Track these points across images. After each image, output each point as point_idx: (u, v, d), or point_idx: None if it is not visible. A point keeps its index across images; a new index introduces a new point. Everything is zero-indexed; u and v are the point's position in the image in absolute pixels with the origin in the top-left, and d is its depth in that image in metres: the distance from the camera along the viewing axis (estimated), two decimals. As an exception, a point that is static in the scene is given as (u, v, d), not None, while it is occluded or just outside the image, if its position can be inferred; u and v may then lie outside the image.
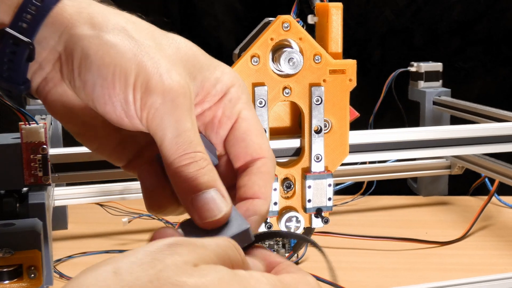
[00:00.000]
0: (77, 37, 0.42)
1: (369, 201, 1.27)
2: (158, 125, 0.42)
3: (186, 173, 0.41)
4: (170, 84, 0.42)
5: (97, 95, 0.42)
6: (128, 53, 0.42)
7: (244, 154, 0.45)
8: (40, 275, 0.70)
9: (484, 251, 1.04)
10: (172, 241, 0.34)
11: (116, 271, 0.31)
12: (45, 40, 0.43)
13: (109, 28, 0.42)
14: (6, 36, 0.42)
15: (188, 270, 0.32)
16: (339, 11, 0.71)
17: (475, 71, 1.42)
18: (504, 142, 0.92)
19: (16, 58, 0.43)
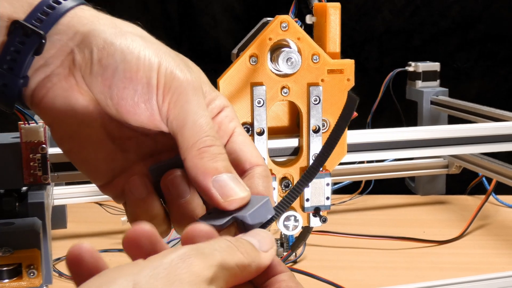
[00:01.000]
0: (98, 30, 0.43)
1: (367, 200, 1.28)
2: (181, 108, 0.43)
3: (208, 154, 0.43)
4: (190, 76, 0.44)
5: (117, 80, 0.43)
6: (151, 47, 0.44)
7: (243, 162, 0.47)
8: (40, 274, 0.70)
9: (482, 250, 1.04)
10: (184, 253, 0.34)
11: (135, 285, 0.32)
12: (57, 35, 0.43)
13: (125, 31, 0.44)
14: (18, 28, 0.43)
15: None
16: (337, 11, 0.72)
17: (473, 71, 1.42)
18: (501, 142, 0.93)
19: (24, 49, 0.43)
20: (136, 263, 0.33)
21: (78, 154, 0.47)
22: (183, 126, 0.43)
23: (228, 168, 0.43)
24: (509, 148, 0.93)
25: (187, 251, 0.34)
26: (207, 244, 0.36)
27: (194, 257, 0.34)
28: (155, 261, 0.33)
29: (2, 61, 0.43)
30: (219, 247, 0.36)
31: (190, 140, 0.43)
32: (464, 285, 0.81)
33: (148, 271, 0.32)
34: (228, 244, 0.37)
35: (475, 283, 0.81)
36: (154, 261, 0.33)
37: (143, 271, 0.32)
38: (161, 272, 0.32)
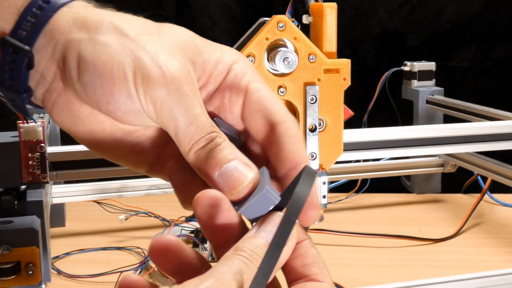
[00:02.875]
0: (72, 42, 0.42)
1: (363, 198, 1.28)
2: (168, 117, 0.41)
3: (204, 154, 0.41)
4: (172, 73, 0.41)
5: (99, 95, 0.42)
6: (124, 49, 0.42)
7: (263, 124, 0.44)
8: (38, 272, 0.70)
9: (477, 248, 1.05)
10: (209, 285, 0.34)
11: None
12: (44, 48, 0.43)
13: (103, 29, 0.42)
14: (6, 45, 0.42)
15: None
16: (334, 11, 0.72)
17: (468, 70, 1.42)
18: (496, 141, 0.93)
19: (16, 66, 0.42)
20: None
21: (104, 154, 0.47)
22: (176, 132, 0.42)
23: (228, 157, 0.41)
24: (504, 147, 0.94)
25: (212, 284, 0.34)
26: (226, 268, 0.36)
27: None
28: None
29: (3, 78, 0.43)
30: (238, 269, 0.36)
31: (186, 145, 0.41)
32: (459, 283, 0.81)
33: None
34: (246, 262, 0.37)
35: (470, 281, 0.81)
36: None
37: None
38: None
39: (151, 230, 1.08)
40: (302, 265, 0.39)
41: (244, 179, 0.40)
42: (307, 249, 0.40)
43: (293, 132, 0.43)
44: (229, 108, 0.45)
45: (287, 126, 0.43)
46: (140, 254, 1.00)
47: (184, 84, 0.42)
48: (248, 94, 0.44)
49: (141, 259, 0.97)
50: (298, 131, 0.44)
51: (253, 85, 0.45)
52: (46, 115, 1.03)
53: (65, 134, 1.01)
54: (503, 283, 0.82)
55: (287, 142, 0.43)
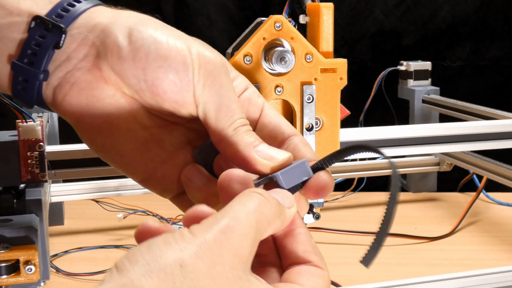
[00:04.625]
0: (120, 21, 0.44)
1: (360, 197, 1.28)
2: (216, 93, 0.44)
3: (245, 131, 0.44)
4: (220, 58, 0.45)
5: (151, 59, 0.43)
6: (175, 34, 0.45)
7: (281, 133, 0.47)
8: (37, 270, 0.70)
9: (472, 246, 1.05)
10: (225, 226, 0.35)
11: (182, 265, 0.33)
12: (78, 29, 0.44)
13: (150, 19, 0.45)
14: (38, 23, 0.43)
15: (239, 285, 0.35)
16: (330, 11, 0.72)
17: (463, 70, 1.43)
18: (491, 140, 0.93)
19: (45, 42, 0.43)
20: (182, 235, 0.34)
21: (112, 148, 0.46)
22: (219, 110, 0.44)
23: (263, 141, 0.44)
24: (499, 146, 0.94)
25: (228, 223, 0.35)
26: (242, 205, 0.37)
27: (234, 231, 0.35)
28: (200, 236, 0.34)
29: (22, 56, 0.43)
30: (253, 207, 0.37)
31: (226, 122, 0.44)
32: (455, 281, 0.81)
33: (193, 249, 0.34)
34: (260, 201, 0.38)
35: (466, 279, 0.81)
36: (198, 236, 0.34)
37: (189, 247, 0.34)
38: (206, 252, 0.34)
39: (149, 228, 1.08)
40: (304, 251, 0.41)
41: (282, 154, 0.44)
42: (309, 237, 0.42)
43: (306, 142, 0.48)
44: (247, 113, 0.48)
45: (301, 138, 0.47)
46: (138, 252, 1.00)
47: (228, 71, 0.45)
48: (264, 110, 0.48)
49: (139, 257, 0.97)
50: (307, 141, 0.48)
51: (267, 105, 0.49)
52: (45, 114, 1.03)
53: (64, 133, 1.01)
54: (499, 281, 0.82)
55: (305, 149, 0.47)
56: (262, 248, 0.40)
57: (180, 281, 0.33)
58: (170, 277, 0.33)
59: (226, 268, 0.34)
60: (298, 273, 0.39)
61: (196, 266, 0.33)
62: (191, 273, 0.33)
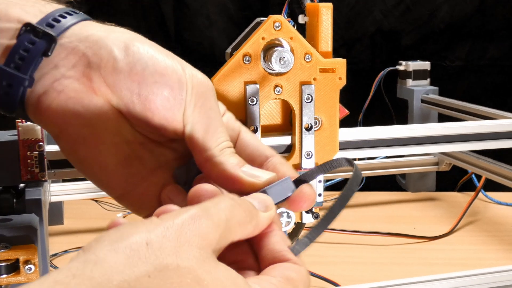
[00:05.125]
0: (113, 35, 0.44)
1: (359, 197, 1.29)
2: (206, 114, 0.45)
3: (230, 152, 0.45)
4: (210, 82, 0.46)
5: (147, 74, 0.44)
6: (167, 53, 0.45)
7: (259, 155, 0.48)
8: (37, 270, 0.70)
9: (471, 246, 1.05)
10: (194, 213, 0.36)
11: (148, 243, 0.34)
12: (68, 38, 0.44)
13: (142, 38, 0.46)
14: (29, 30, 0.43)
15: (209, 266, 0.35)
16: (329, 11, 0.72)
17: (462, 69, 1.43)
18: (490, 139, 0.93)
19: (34, 48, 0.43)
20: (150, 220, 0.35)
21: (94, 161, 0.45)
22: (207, 131, 0.45)
23: (246, 162, 0.46)
24: (498, 146, 0.94)
25: (197, 211, 0.36)
26: (213, 203, 0.38)
27: (203, 218, 0.36)
28: (168, 220, 0.35)
29: (9, 61, 0.43)
30: (224, 206, 0.38)
31: (213, 143, 0.45)
32: (453, 281, 0.81)
33: (161, 230, 0.35)
34: (232, 203, 0.39)
35: (464, 279, 0.81)
36: (167, 220, 0.35)
37: (156, 229, 0.35)
38: (173, 233, 0.35)
39: (148, 228, 1.08)
40: (280, 251, 0.41)
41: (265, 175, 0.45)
42: (284, 238, 0.42)
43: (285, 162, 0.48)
44: None
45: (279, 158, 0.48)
46: (138, 252, 1.00)
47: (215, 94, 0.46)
48: (241, 133, 0.49)
49: (139, 257, 0.97)
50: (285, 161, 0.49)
51: (243, 128, 0.50)
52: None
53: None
54: (497, 280, 0.82)
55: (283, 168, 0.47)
56: (239, 254, 0.41)
57: (145, 257, 0.33)
58: (136, 252, 0.33)
59: (193, 247, 0.35)
60: (271, 268, 0.40)
61: (163, 244, 0.34)
62: (156, 250, 0.34)
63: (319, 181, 0.75)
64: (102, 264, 0.32)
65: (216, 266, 0.36)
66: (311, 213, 0.75)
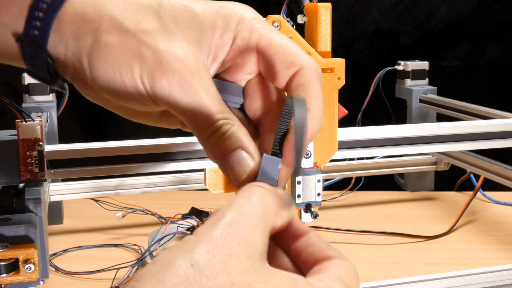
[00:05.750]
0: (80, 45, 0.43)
1: (357, 196, 1.29)
2: (175, 109, 0.42)
3: (211, 143, 0.42)
4: (173, 67, 0.42)
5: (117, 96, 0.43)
6: (126, 50, 0.42)
7: (281, 75, 0.44)
8: (36, 269, 0.70)
9: (469, 245, 1.05)
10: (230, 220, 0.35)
11: (194, 264, 0.32)
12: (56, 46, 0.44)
13: (103, 28, 0.43)
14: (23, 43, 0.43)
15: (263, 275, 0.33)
16: (328, 11, 0.72)
17: (460, 69, 1.43)
18: (488, 139, 0.94)
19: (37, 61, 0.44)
20: (186, 240, 0.33)
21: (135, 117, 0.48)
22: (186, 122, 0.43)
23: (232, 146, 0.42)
24: (496, 145, 0.94)
25: (232, 216, 0.35)
26: (245, 198, 0.36)
27: (241, 223, 0.34)
28: (205, 234, 0.33)
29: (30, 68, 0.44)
30: (257, 199, 0.37)
31: (195, 133, 0.43)
32: (452, 280, 0.81)
33: (201, 247, 0.33)
34: (264, 192, 0.37)
35: (462, 278, 0.81)
36: (204, 235, 0.33)
37: (197, 248, 0.33)
38: (215, 247, 0.33)
39: (147, 227, 1.08)
40: (321, 250, 0.39)
41: (244, 171, 0.42)
42: (319, 237, 0.40)
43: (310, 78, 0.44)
44: (241, 67, 0.45)
45: (305, 73, 0.44)
46: (137, 251, 1.01)
47: (186, 76, 0.42)
48: (261, 51, 0.44)
49: (138, 256, 0.98)
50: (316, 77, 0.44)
51: (264, 40, 0.44)
52: (44, 113, 1.04)
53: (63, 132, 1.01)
54: (495, 279, 0.82)
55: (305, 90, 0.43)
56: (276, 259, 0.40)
57: (195, 280, 0.31)
58: (184, 278, 0.31)
59: (241, 259, 0.33)
60: (322, 267, 0.38)
61: (209, 262, 0.32)
62: (205, 270, 0.32)
63: (318, 181, 0.75)
64: None
65: (270, 273, 0.34)
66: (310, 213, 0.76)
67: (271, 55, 0.44)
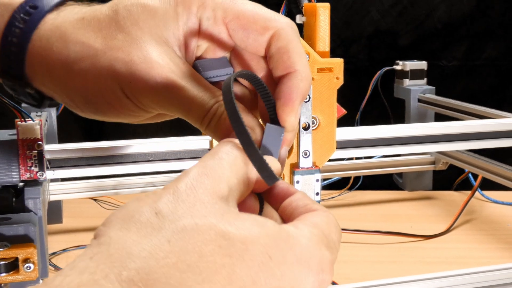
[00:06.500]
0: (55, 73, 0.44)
1: (356, 196, 1.29)
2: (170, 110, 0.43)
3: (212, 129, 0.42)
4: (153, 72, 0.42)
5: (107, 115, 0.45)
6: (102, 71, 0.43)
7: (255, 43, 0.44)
8: (36, 268, 0.70)
9: (468, 245, 1.06)
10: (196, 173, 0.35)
11: (158, 212, 0.33)
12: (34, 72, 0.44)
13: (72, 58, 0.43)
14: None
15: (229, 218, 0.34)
16: (327, 11, 0.72)
17: (459, 69, 1.43)
18: (487, 139, 0.94)
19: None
20: (153, 192, 0.34)
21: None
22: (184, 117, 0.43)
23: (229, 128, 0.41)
24: (494, 145, 0.95)
25: (198, 170, 0.35)
26: (211, 155, 0.37)
27: (206, 176, 0.35)
28: (171, 187, 0.34)
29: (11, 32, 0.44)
30: (223, 153, 0.37)
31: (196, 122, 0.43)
32: (450, 279, 0.81)
33: (167, 197, 0.34)
34: (230, 145, 0.38)
35: (460, 277, 0.81)
36: (169, 187, 0.34)
37: (162, 198, 0.34)
38: (180, 197, 0.34)
39: (146, 227, 1.08)
40: (304, 205, 0.39)
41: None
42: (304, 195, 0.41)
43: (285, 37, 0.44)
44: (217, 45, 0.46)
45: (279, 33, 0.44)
46: (136, 250, 1.00)
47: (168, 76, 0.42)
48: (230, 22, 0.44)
49: (137, 255, 0.97)
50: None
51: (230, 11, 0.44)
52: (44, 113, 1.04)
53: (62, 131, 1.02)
54: (493, 279, 0.82)
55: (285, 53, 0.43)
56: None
57: (158, 226, 0.32)
58: (148, 224, 0.32)
59: (206, 205, 0.34)
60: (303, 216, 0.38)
61: (173, 209, 0.33)
62: (169, 216, 0.33)
63: (316, 180, 0.75)
64: (117, 242, 0.31)
65: (237, 216, 0.34)
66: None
67: (241, 26, 0.44)
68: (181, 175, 0.35)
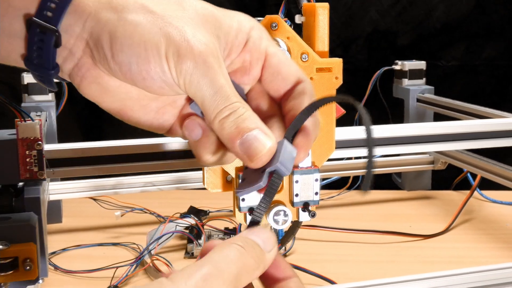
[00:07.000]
0: (102, 22, 0.44)
1: (355, 195, 1.29)
2: (196, 88, 0.44)
3: (228, 123, 0.44)
4: (199, 47, 0.44)
5: (134, 73, 0.44)
6: (154, 28, 0.44)
7: (283, 84, 0.48)
8: (36, 267, 0.70)
9: (466, 244, 1.06)
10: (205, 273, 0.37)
11: None
12: (70, 27, 0.44)
13: (130, 9, 0.44)
14: (33, 25, 0.44)
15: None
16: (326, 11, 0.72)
17: (458, 69, 1.43)
18: (485, 138, 0.94)
19: (45, 45, 0.44)
20: (160, 283, 0.35)
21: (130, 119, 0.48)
22: (202, 102, 0.44)
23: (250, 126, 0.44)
24: (493, 145, 0.95)
25: (208, 270, 0.37)
26: (222, 256, 0.38)
27: (215, 278, 0.37)
28: (180, 282, 0.36)
29: (31, 57, 0.45)
30: (233, 257, 0.38)
31: (211, 113, 0.44)
32: (449, 278, 0.81)
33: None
34: (241, 252, 0.39)
35: (459, 276, 0.82)
36: (178, 282, 0.36)
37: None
38: None
39: (146, 226, 1.09)
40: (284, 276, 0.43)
41: (262, 148, 0.43)
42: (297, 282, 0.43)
43: (308, 91, 0.48)
44: (248, 71, 0.48)
45: (303, 86, 0.48)
46: (136, 249, 1.01)
47: (209, 57, 0.44)
48: (267, 59, 0.48)
49: (137, 254, 0.98)
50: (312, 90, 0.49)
51: (271, 49, 0.48)
52: (44, 113, 1.04)
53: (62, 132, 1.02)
54: (492, 278, 0.82)
55: (304, 99, 0.48)
56: None
57: None
58: None
59: None
60: None
61: None
62: None
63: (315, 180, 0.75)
64: None
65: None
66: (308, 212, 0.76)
67: (276, 63, 0.48)
68: (193, 270, 0.37)
